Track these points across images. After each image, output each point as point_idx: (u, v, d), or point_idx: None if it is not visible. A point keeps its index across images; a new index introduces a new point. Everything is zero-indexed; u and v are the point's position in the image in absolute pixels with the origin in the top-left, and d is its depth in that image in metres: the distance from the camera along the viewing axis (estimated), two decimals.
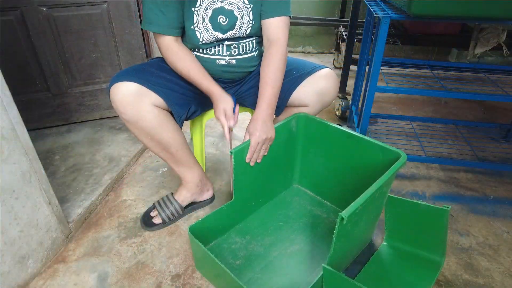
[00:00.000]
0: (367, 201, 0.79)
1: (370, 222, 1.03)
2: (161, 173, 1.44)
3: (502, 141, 1.68)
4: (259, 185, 1.15)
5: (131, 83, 0.94)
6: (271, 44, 1.01)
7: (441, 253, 1.01)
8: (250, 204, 1.17)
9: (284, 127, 1.11)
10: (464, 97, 1.29)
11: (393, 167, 0.89)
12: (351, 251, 1.01)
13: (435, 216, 0.96)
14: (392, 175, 0.88)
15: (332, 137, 1.11)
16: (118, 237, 1.13)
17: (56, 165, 1.42)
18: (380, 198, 0.95)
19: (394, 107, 2.09)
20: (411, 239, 1.05)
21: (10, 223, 0.89)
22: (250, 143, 0.99)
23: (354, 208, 0.76)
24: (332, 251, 0.80)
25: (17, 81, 1.53)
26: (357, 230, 0.93)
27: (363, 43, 1.64)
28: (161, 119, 0.99)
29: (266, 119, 0.99)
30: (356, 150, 1.06)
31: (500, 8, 1.04)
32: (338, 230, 0.77)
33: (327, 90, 1.09)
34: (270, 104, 0.99)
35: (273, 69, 0.99)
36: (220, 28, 1.01)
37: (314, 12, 2.88)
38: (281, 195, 1.27)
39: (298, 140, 1.20)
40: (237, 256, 1.04)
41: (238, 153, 0.99)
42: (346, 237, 0.86)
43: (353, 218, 0.79)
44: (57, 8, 1.47)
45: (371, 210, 0.95)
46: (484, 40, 1.63)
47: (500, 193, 1.36)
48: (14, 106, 0.87)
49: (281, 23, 1.01)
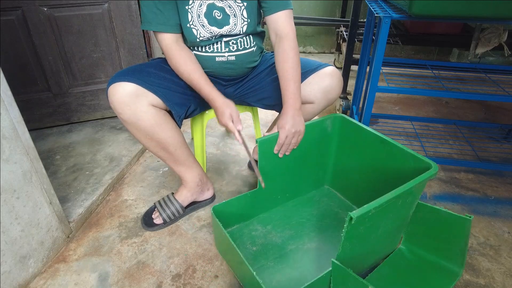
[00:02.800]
0: (382, 206, 0.77)
1: (392, 230, 0.98)
2: (162, 173, 1.44)
3: (503, 141, 1.68)
4: (287, 179, 1.16)
5: (128, 84, 0.95)
6: (282, 39, 1.03)
7: (460, 264, 0.96)
8: (276, 196, 1.19)
9: (317, 125, 1.12)
10: (465, 97, 1.29)
11: (420, 176, 0.85)
12: (367, 256, 0.97)
13: (456, 224, 0.93)
14: (419, 184, 0.84)
15: (366, 141, 1.09)
16: (119, 237, 1.13)
17: (57, 164, 1.42)
18: (404, 207, 0.91)
19: (395, 107, 2.09)
20: (429, 245, 1.02)
21: (11, 222, 0.89)
22: (279, 136, 1.02)
23: (365, 210, 0.75)
24: (340, 250, 0.80)
25: (18, 81, 1.53)
26: (374, 236, 0.89)
27: (363, 43, 1.64)
28: (159, 118, 1.00)
29: (295, 113, 1.01)
30: (389, 156, 1.03)
31: (501, 8, 1.04)
32: (347, 230, 0.76)
33: (333, 87, 1.11)
34: (296, 98, 1.01)
35: (291, 64, 1.01)
36: (216, 22, 1.01)
37: (315, 12, 2.88)
38: (310, 193, 1.27)
39: (332, 141, 1.19)
40: (255, 243, 1.08)
41: (264, 143, 1.02)
42: (358, 240, 0.84)
43: (364, 220, 0.78)
44: (58, 8, 1.47)
45: (392, 218, 0.90)
46: (485, 40, 1.63)
47: (501, 193, 1.35)
48: (15, 106, 0.87)
49: (286, 16, 1.03)
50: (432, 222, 0.98)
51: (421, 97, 2.20)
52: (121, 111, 0.96)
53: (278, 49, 1.04)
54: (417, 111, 2.03)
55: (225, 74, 1.12)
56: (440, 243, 0.99)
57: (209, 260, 1.05)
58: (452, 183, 1.41)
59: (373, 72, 1.22)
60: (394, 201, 0.83)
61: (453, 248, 0.97)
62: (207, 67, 1.09)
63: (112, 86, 0.96)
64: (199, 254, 1.07)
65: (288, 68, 1.01)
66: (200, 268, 1.02)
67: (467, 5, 1.04)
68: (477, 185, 1.40)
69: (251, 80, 1.17)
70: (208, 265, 1.03)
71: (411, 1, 1.07)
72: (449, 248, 0.98)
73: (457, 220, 0.92)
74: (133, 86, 0.95)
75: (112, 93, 0.95)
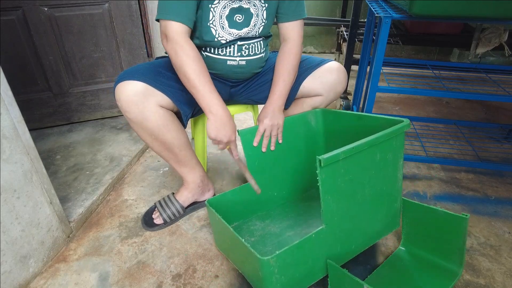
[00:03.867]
0: (351, 151, 0.79)
1: (382, 194, 0.95)
2: (162, 173, 1.44)
3: (503, 141, 1.68)
4: (276, 173, 1.17)
5: (137, 82, 0.94)
6: (287, 43, 1.09)
7: (459, 263, 0.97)
8: (272, 193, 1.20)
9: (299, 119, 1.15)
10: (466, 97, 1.29)
11: (391, 128, 0.87)
12: (358, 223, 0.94)
13: (452, 223, 0.93)
14: (390, 136, 0.86)
15: (348, 124, 1.10)
16: (119, 237, 1.13)
17: (57, 164, 1.42)
18: (386, 163, 0.91)
19: (395, 107, 2.09)
20: (427, 245, 1.02)
21: (12, 222, 0.89)
22: (258, 128, 1.07)
23: (334, 153, 0.77)
24: (323, 203, 0.82)
25: (19, 80, 1.53)
26: (360, 196, 0.89)
27: (364, 43, 1.64)
28: (166, 119, 0.99)
29: (275, 109, 1.07)
30: (368, 129, 1.00)
31: (502, 8, 1.04)
32: (321, 177, 0.78)
33: (340, 80, 1.14)
34: (281, 96, 1.07)
35: (287, 66, 1.07)
36: (235, 25, 1.01)
37: (315, 12, 2.88)
38: (310, 192, 1.28)
39: (319, 136, 1.20)
40: (253, 235, 1.10)
41: (245, 133, 1.06)
42: (341, 195, 0.85)
43: (338, 168, 0.79)
44: (59, 8, 1.47)
45: (376, 176, 0.90)
46: (485, 40, 1.63)
47: (501, 194, 1.35)
48: (16, 106, 0.87)
49: (298, 25, 1.08)
50: (430, 222, 0.99)
51: (421, 97, 2.20)
52: (128, 110, 0.95)
53: (281, 50, 1.10)
54: (418, 111, 2.03)
55: (233, 77, 1.12)
56: (439, 243, 1.00)
57: (209, 260, 1.05)
58: (453, 183, 1.41)
59: (374, 72, 1.22)
60: (370, 152, 0.84)
61: (452, 248, 0.97)
62: (217, 69, 1.09)
63: (120, 84, 0.94)
64: (200, 254, 1.07)
65: (283, 69, 1.07)
66: (201, 268, 1.02)
67: (467, 5, 1.04)
68: (478, 185, 1.40)
69: (256, 80, 1.18)
70: (209, 265, 1.03)
71: (411, 1, 1.06)
72: (447, 247, 0.98)
73: (453, 219, 0.93)
74: (142, 85, 0.94)
75: (120, 91, 0.94)
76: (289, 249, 0.80)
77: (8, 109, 0.84)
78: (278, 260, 0.79)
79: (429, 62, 1.61)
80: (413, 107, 2.09)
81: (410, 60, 1.66)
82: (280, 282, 0.82)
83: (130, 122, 0.99)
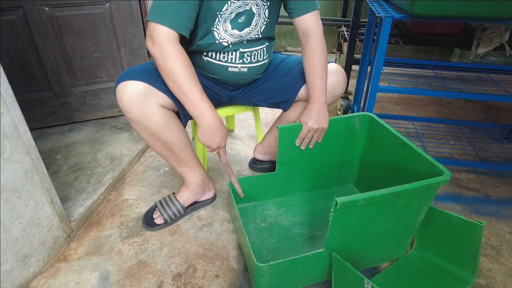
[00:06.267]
0: (372, 199, 0.77)
1: (395, 232, 0.94)
2: (163, 173, 1.44)
3: (504, 141, 1.68)
4: (306, 169, 1.20)
5: (138, 82, 0.93)
6: (309, 37, 1.06)
7: (472, 271, 0.92)
8: (295, 184, 1.23)
9: (343, 122, 1.14)
10: (467, 97, 1.29)
11: (424, 181, 0.81)
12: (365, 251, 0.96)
13: (467, 230, 0.90)
14: (422, 188, 0.81)
15: (390, 143, 1.06)
16: (120, 236, 1.13)
17: (58, 164, 1.42)
18: (409, 209, 0.88)
19: (396, 107, 2.09)
20: (440, 250, 1.00)
21: (13, 222, 0.89)
22: (302, 130, 1.07)
23: (352, 198, 0.75)
24: (328, 234, 0.83)
25: (20, 80, 1.54)
26: (371, 232, 0.89)
27: (365, 43, 1.64)
28: (167, 119, 0.99)
29: (320, 109, 1.04)
30: (409, 160, 0.99)
31: (503, 7, 1.04)
32: (333, 214, 0.78)
33: (338, 84, 1.13)
34: (322, 94, 1.04)
35: (318, 60, 1.04)
36: (237, 26, 1.00)
37: None
38: (332, 189, 1.28)
39: (359, 139, 1.19)
40: (265, 220, 1.16)
41: (283, 130, 1.07)
42: (351, 230, 0.85)
43: (354, 210, 0.78)
44: (60, 8, 1.47)
45: (394, 218, 0.88)
46: (486, 40, 1.63)
47: (502, 194, 1.35)
48: (17, 105, 0.87)
49: (315, 16, 1.05)
50: (443, 227, 0.97)
51: (422, 97, 2.20)
52: (129, 110, 0.94)
53: (305, 46, 1.07)
54: (419, 111, 2.03)
55: (233, 82, 1.12)
56: (452, 249, 0.97)
57: (209, 260, 1.05)
58: (453, 183, 1.41)
59: (374, 72, 1.22)
60: (392, 200, 0.82)
61: (465, 255, 0.94)
62: (217, 74, 1.08)
63: (121, 84, 0.94)
64: (200, 254, 1.07)
65: (315, 64, 1.04)
66: (201, 268, 1.02)
67: (468, 5, 1.04)
68: (478, 185, 1.40)
69: (257, 84, 1.17)
70: (209, 264, 1.03)
71: (412, 1, 1.06)
72: (460, 254, 0.95)
73: (468, 226, 0.90)
74: (144, 85, 0.93)
75: (121, 91, 0.94)
76: (283, 262, 0.84)
77: (9, 108, 0.84)
78: (271, 268, 0.84)
79: (430, 62, 1.61)
80: (414, 107, 2.08)
81: (411, 60, 1.66)
82: (269, 282, 0.87)
83: (131, 122, 0.99)
